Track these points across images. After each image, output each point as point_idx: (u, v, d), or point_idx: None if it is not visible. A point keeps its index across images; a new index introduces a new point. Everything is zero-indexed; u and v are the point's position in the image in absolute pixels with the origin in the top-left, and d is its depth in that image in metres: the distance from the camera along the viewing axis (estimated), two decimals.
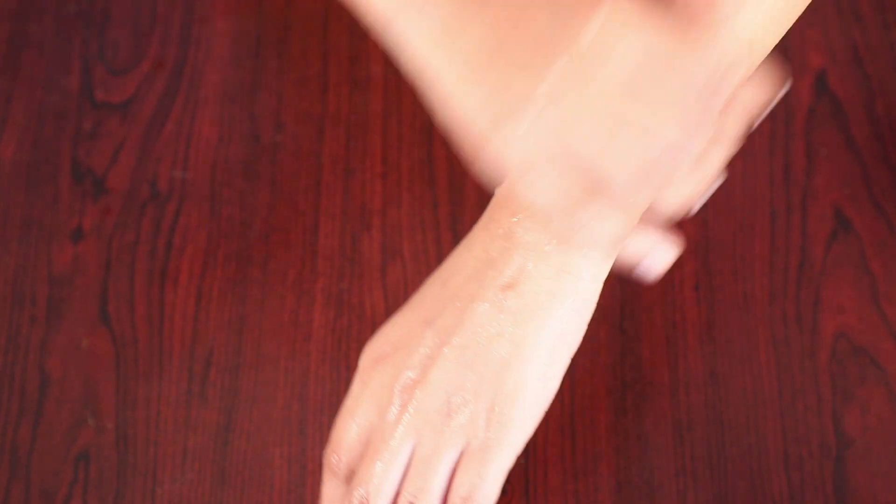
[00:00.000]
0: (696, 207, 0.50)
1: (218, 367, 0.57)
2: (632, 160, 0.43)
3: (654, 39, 0.42)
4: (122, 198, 0.60)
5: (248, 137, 0.62)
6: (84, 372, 0.56)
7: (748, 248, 0.59)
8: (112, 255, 0.59)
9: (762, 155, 0.61)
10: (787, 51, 0.63)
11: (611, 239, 0.45)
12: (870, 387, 0.56)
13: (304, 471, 0.55)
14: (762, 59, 0.47)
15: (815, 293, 0.58)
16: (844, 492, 0.54)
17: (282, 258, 0.59)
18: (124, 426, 0.55)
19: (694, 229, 0.59)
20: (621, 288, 0.57)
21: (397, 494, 0.49)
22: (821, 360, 0.56)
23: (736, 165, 0.61)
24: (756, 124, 0.49)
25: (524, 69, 0.43)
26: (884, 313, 0.57)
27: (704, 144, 0.44)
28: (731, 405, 0.56)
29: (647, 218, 0.49)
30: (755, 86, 0.47)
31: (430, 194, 0.60)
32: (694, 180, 0.46)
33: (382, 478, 0.48)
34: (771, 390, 0.56)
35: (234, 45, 0.64)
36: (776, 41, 0.47)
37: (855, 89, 0.62)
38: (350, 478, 0.50)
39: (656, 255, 0.47)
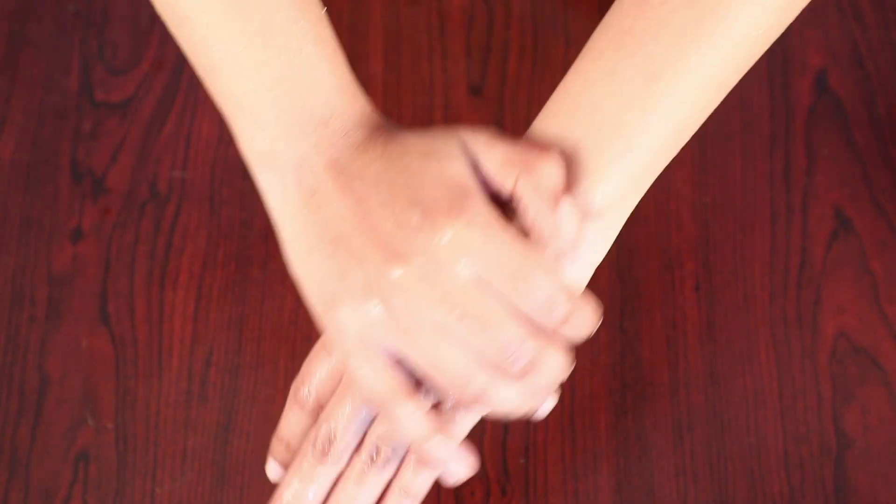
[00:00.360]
0: (539, 414, 0.50)
1: (218, 367, 0.57)
2: (454, 371, 0.45)
3: (503, 252, 0.44)
4: (122, 198, 0.60)
5: None
6: (84, 372, 0.56)
7: (748, 248, 0.59)
8: (112, 255, 0.59)
9: (762, 155, 0.61)
10: (788, 51, 0.63)
11: (413, 435, 0.46)
12: (870, 387, 0.56)
13: None
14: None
15: (816, 293, 0.58)
16: (845, 492, 0.54)
17: (281, 258, 0.59)
18: (124, 426, 0.55)
19: (694, 229, 0.59)
20: (621, 288, 0.57)
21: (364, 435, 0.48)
22: (821, 361, 0.56)
23: (736, 165, 0.61)
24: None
25: (365, 261, 0.45)
26: (884, 313, 0.57)
27: (532, 358, 0.45)
28: (731, 405, 0.55)
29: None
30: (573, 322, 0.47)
31: None
32: (525, 392, 0.47)
33: (352, 416, 0.48)
34: (771, 390, 0.56)
35: None
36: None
37: (855, 89, 0.62)
38: (316, 412, 0.49)
39: (451, 467, 0.47)
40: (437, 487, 0.53)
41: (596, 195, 0.47)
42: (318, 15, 0.47)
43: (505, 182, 0.46)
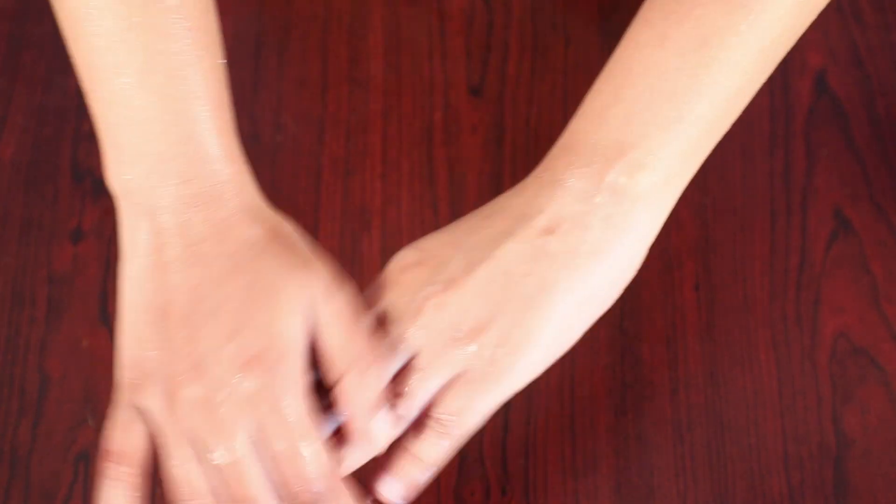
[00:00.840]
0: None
1: None
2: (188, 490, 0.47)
3: (286, 424, 0.46)
4: None
5: (248, 137, 0.62)
6: (84, 372, 0.56)
7: (748, 249, 0.59)
8: (112, 255, 0.59)
9: (762, 155, 0.61)
10: (788, 51, 0.63)
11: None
12: (870, 387, 0.56)
13: None
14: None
15: (815, 293, 0.58)
16: (844, 492, 0.54)
17: None
18: None
19: (694, 229, 0.59)
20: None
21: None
22: (821, 361, 0.56)
23: (736, 165, 0.61)
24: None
25: (172, 360, 0.46)
26: (884, 313, 0.57)
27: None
28: (730, 405, 0.56)
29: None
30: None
31: (430, 194, 0.60)
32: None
33: (374, 381, 0.47)
34: (771, 390, 0.56)
35: (233, 45, 0.64)
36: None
37: (855, 89, 0.62)
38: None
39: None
40: (437, 486, 0.53)
41: (644, 171, 0.47)
42: (213, 66, 0.47)
43: (330, 371, 0.47)
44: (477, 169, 0.61)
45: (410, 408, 0.47)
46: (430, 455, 0.47)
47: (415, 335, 0.47)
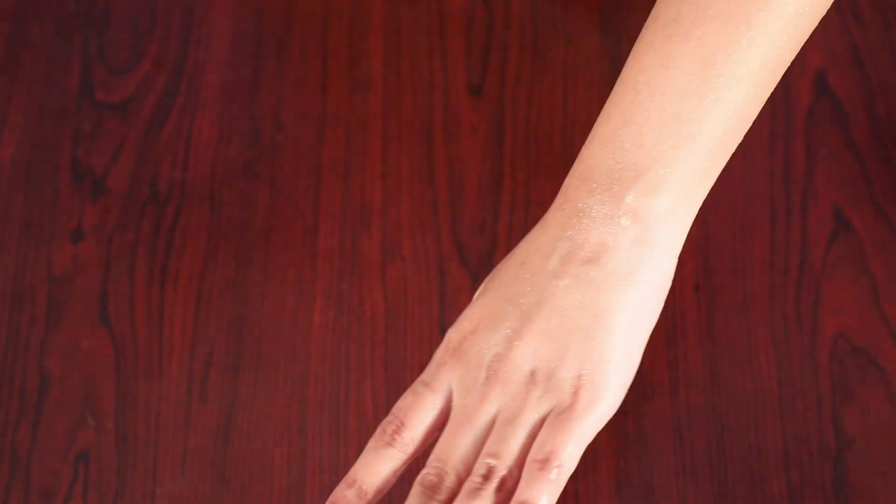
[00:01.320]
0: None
1: (218, 368, 0.57)
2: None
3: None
4: (122, 198, 0.60)
5: (248, 138, 0.62)
6: (84, 372, 0.56)
7: (748, 249, 0.59)
8: (112, 255, 0.59)
9: (762, 155, 0.61)
10: None
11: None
12: (870, 387, 0.56)
13: (304, 471, 0.54)
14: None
15: (815, 293, 0.58)
16: (844, 492, 0.54)
17: (281, 258, 0.59)
18: (124, 426, 0.55)
19: (694, 230, 0.59)
20: None
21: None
22: (821, 361, 0.56)
23: (736, 166, 0.61)
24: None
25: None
26: (884, 313, 0.57)
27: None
28: (731, 405, 0.56)
29: None
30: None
31: (430, 194, 0.60)
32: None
33: (461, 448, 0.48)
34: (771, 390, 0.56)
35: (233, 45, 0.64)
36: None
37: (855, 89, 0.62)
38: (402, 445, 0.49)
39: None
40: None
41: (661, 191, 0.48)
42: None
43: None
44: (477, 169, 0.61)
45: (508, 462, 0.48)
46: (541, 498, 0.47)
47: (493, 396, 0.48)
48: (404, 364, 0.56)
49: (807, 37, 0.49)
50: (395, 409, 0.50)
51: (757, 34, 0.47)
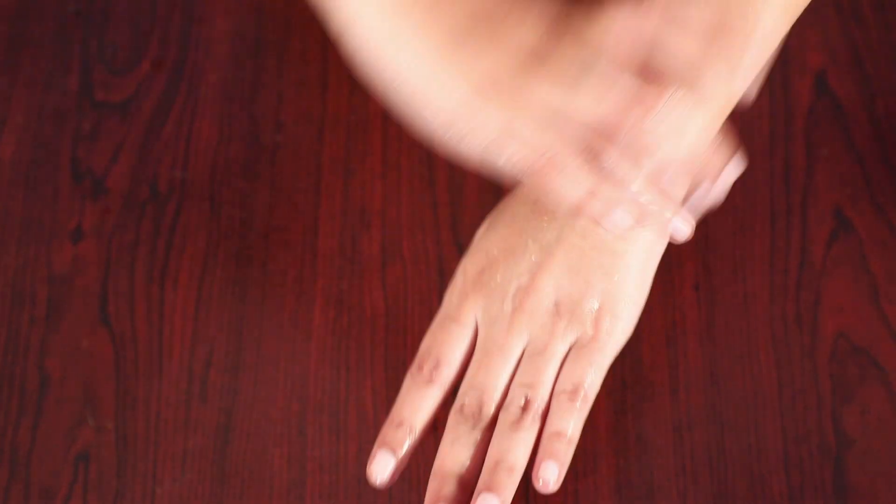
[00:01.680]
0: (715, 192, 0.53)
1: (218, 368, 0.57)
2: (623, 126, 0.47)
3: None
4: (122, 198, 0.60)
5: (248, 137, 0.62)
6: (84, 372, 0.56)
7: (748, 248, 0.59)
8: (112, 255, 0.59)
9: (762, 155, 0.61)
10: (787, 51, 0.63)
11: (573, 198, 0.48)
12: (870, 387, 0.56)
13: (303, 471, 0.54)
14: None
15: (816, 293, 0.58)
16: (844, 492, 0.54)
17: (281, 258, 0.59)
18: (124, 426, 0.55)
19: (693, 229, 0.59)
20: None
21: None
22: (821, 360, 0.56)
23: None
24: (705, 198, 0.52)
25: (510, 28, 0.46)
26: (884, 313, 0.57)
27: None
28: (731, 405, 0.56)
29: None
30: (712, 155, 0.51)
31: (430, 194, 0.60)
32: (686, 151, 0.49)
33: (496, 378, 0.51)
34: (771, 390, 0.56)
35: (233, 45, 0.64)
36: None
37: (855, 89, 0.62)
38: (442, 382, 0.52)
39: (647, 217, 0.49)
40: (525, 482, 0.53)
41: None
42: None
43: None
44: (477, 169, 0.61)
45: (544, 394, 0.51)
46: (570, 427, 0.51)
47: (520, 327, 0.51)
48: (404, 364, 0.56)
49: None
50: (425, 345, 0.53)
51: None
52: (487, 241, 0.52)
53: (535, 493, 0.54)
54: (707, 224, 0.59)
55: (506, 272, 0.52)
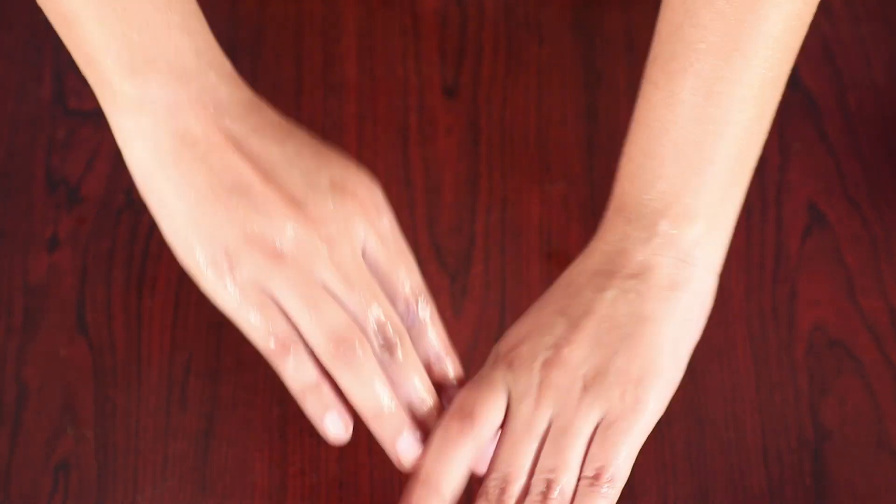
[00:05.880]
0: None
1: (197, 374, 0.56)
2: (334, 327, 0.49)
3: (396, 243, 0.51)
4: (97, 206, 0.60)
5: None
6: (62, 381, 0.56)
7: None
8: (88, 263, 0.59)
9: None
10: None
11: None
12: (846, 379, 0.56)
13: (285, 475, 0.54)
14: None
15: (791, 287, 0.58)
16: (823, 484, 0.54)
17: None
18: (104, 434, 0.55)
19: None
20: None
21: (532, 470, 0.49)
22: (798, 354, 0.57)
23: None
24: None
25: (270, 212, 0.49)
26: (859, 306, 0.58)
27: None
28: (709, 400, 0.56)
29: None
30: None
31: (407, 196, 0.60)
32: None
33: (519, 460, 0.49)
34: (749, 385, 0.56)
35: None
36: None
37: (827, 84, 0.62)
38: (476, 440, 0.50)
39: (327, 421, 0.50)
40: None
41: (691, 217, 0.50)
42: None
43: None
44: (453, 170, 0.61)
45: (568, 477, 0.48)
46: None
47: (546, 403, 0.49)
48: None
49: (800, 43, 0.50)
50: (457, 402, 0.50)
51: (751, 58, 0.49)
52: (518, 325, 0.51)
53: None
54: None
55: (533, 347, 0.49)
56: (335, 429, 0.48)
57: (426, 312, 0.50)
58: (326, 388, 0.48)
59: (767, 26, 0.48)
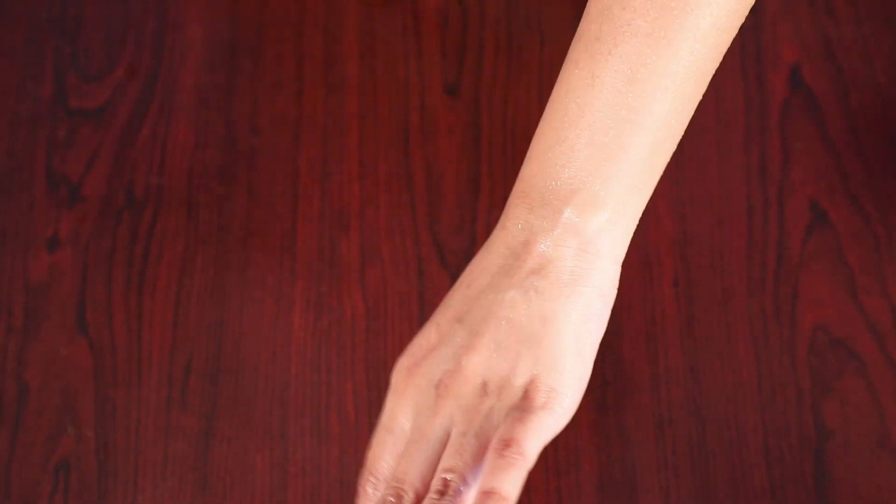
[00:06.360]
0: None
1: (197, 373, 0.56)
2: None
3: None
4: (98, 205, 0.60)
5: (224, 142, 0.62)
6: (63, 381, 0.56)
7: (726, 243, 0.59)
8: (89, 263, 0.59)
9: (738, 150, 0.61)
10: (761, 45, 0.63)
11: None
12: (848, 379, 0.56)
13: (285, 475, 0.54)
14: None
15: (793, 286, 0.58)
16: (825, 483, 0.54)
17: (260, 263, 0.59)
18: (104, 434, 0.55)
19: (672, 225, 0.59)
20: None
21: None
22: (800, 353, 0.57)
23: (712, 160, 0.61)
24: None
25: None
26: (861, 305, 0.57)
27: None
28: (711, 400, 0.56)
29: None
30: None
31: (408, 195, 0.60)
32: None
33: (416, 466, 0.47)
34: (751, 384, 0.56)
35: (208, 50, 0.64)
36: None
37: (829, 83, 0.62)
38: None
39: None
40: None
41: (598, 206, 0.48)
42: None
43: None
44: (454, 169, 0.61)
45: (465, 472, 0.47)
46: (502, 484, 0.46)
47: (444, 412, 0.48)
48: (385, 365, 0.56)
49: (727, 45, 0.49)
50: (368, 459, 0.49)
51: (677, 48, 0.48)
52: (420, 336, 0.50)
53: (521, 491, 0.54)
54: (685, 220, 0.59)
55: (432, 363, 0.48)
56: None
57: None
58: None
59: (697, 19, 0.47)
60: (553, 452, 0.55)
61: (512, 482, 0.46)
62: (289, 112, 0.62)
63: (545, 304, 0.48)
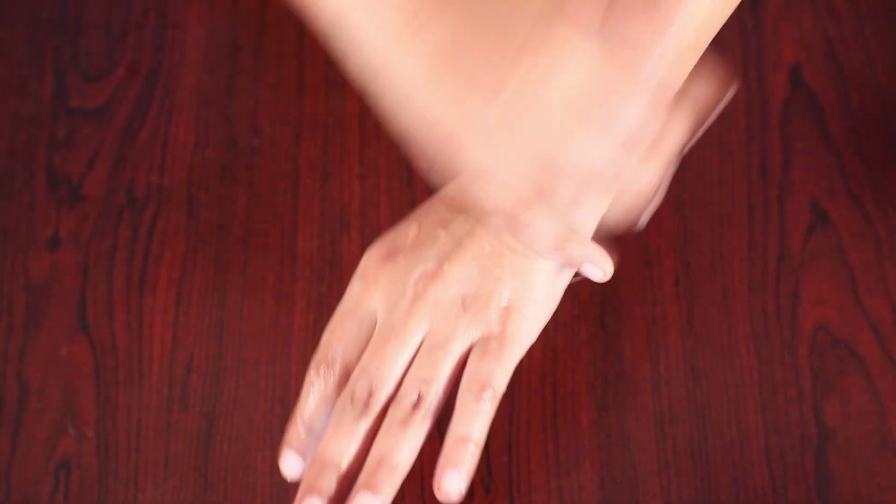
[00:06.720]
0: (642, 221, 0.52)
1: (198, 373, 0.56)
2: (573, 170, 0.46)
3: (593, 64, 0.45)
4: (99, 205, 0.60)
5: (225, 141, 0.62)
6: (63, 380, 0.56)
7: (727, 243, 0.59)
8: (89, 262, 0.59)
9: (739, 149, 0.61)
10: (762, 44, 0.63)
11: (549, 241, 0.48)
12: (849, 378, 0.56)
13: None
14: (705, 47, 0.49)
15: (794, 286, 0.58)
16: (826, 483, 0.54)
17: (261, 262, 0.59)
18: (105, 434, 0.55)
19: (672, 225, 0.59)
20: (601, 285, 0.57)
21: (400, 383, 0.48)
22: (801, 353, 0.57)
23: (713, 160, 0.61)
24: (700, 132, 0.51)
25: (488, 69, 0.44)
26: (862, 305, 0.57)
27: (642, 158, 0.47)
28: (712, 399, 0.56)
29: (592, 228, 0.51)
30: (702, 88, 0.49)
31: (409, 194, 0.60)
32: (632, 193, 0.48)
33: (391, 366, 0.48)
34: (752, 384, 0.56)
35: (208, 48, 0.64)
36: (720, 25, 0.49)
37: (830, 82, 0.62)
38: (341, 384, 0.49)
39: (593, 264, 0.51)
40: (421, 486, 0.53)
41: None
42: None
43: None
44: None
45: (438, 390, 0.48)
46: (476, 431, 0.48)
47: (421, 314, 0.48)
48: None
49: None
50: (322, 342, 0.49)
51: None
52: (396, 232, 0.50)
53: (519, 491, 0.54)
54: (685, 219, 0.59)
55: (411, 257, 0.49)
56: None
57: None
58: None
59: None
60: (553, 452, 0.55)
61: (484, 429, 0.49)
62: (289, 111, 0.62)
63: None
